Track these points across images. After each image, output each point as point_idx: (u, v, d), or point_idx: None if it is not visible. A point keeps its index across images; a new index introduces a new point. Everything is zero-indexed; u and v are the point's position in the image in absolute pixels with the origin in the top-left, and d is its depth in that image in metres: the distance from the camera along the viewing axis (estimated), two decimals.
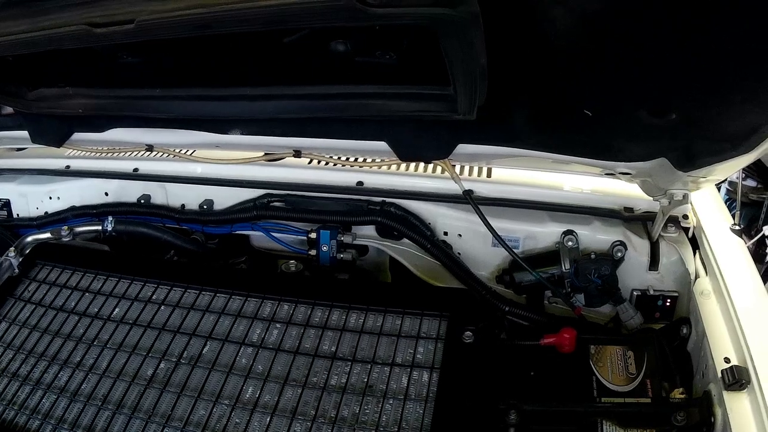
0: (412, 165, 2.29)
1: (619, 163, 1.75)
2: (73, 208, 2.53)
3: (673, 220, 2.00)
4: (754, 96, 1.26)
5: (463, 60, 1.35)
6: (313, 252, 2.23)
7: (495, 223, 2.04)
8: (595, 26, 1.24)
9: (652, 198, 1.93)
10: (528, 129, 1.72)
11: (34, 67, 1.96)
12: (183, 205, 2.48)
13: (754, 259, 1.85)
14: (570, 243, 2.02)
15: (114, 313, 1.98)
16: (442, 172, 2.21)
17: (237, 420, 1.64)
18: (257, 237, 2.46)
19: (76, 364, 1.84)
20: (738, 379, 1.45)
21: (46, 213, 2.61)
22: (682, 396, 1.63)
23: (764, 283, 1.75)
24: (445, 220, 2.22)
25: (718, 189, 3.52)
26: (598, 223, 2.07)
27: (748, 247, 1.95)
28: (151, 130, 2.24)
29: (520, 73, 1.48)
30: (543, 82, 1.50)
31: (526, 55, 1.39)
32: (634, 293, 2.02)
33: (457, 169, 2.17)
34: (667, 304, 2.00)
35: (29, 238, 2.35)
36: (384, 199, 2.24)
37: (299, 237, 2.31)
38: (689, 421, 1.54)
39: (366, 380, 1.70)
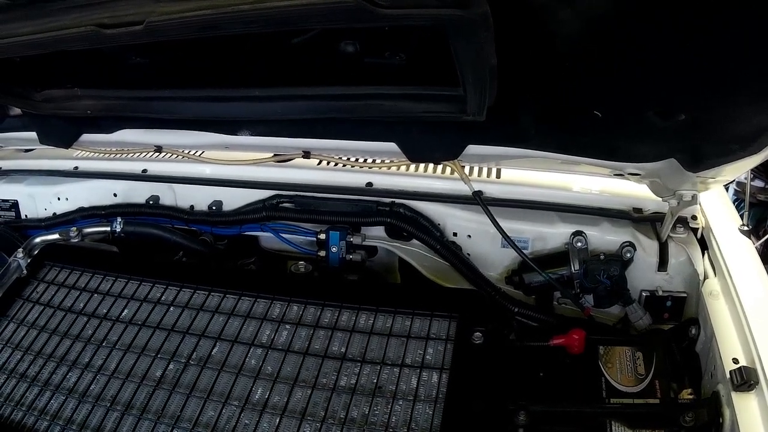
0: (422, 166, 2.29)
1: (627, 163, 1.75)
2: (81, 209, 2.53)
3: (682, 221, 2.00)
4: (761, 97, 1.26)
5: (473, 61, 1.34)
6: (322, 253, 2.22)
7: (504, 224, 2.03)
8: (602, 28, 1.23)
9: (660, 199, 1.93)
10: (537, 130, 1.72)
11: (42, 69, 1.96)
12: (192, 206, 2.48)
13: (762, 260, 1.85)
14: (579, 244, 2.01)
15: (123, 314, 1.98)
16: (452, 173, 2.21)
17: (246, 421, 1.64)
18: (266, 238, 2.46)
19: (85, 365, 1.85)
20: (746, 379, 1.45)
21: (54, 214, 2.62)
22: (691, 397, 1.63)
23: None
24: (455, 221, 2.21)
25: (727, 190, 3.52)
26: (607, 223, 2.06)
27: (756, 247, 1.95)
28: (160, 131, 2.24)
29: (529, 74, 1.48)
30: (551, 83, 1.50)
31: (535, 56, 1.39)
32: (643, 294, 2.01)
33: (467, 170, 2.17)
34: (676, 304, 1.99)
35: (37, 239, 2.36)
36: (393, 200, 2.24)
37: (308, 238, 2.31)
38: (698, 422, 1.54)
39: (375, 381, 1.70)
